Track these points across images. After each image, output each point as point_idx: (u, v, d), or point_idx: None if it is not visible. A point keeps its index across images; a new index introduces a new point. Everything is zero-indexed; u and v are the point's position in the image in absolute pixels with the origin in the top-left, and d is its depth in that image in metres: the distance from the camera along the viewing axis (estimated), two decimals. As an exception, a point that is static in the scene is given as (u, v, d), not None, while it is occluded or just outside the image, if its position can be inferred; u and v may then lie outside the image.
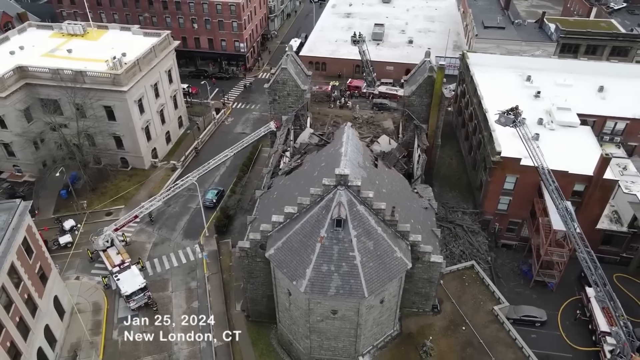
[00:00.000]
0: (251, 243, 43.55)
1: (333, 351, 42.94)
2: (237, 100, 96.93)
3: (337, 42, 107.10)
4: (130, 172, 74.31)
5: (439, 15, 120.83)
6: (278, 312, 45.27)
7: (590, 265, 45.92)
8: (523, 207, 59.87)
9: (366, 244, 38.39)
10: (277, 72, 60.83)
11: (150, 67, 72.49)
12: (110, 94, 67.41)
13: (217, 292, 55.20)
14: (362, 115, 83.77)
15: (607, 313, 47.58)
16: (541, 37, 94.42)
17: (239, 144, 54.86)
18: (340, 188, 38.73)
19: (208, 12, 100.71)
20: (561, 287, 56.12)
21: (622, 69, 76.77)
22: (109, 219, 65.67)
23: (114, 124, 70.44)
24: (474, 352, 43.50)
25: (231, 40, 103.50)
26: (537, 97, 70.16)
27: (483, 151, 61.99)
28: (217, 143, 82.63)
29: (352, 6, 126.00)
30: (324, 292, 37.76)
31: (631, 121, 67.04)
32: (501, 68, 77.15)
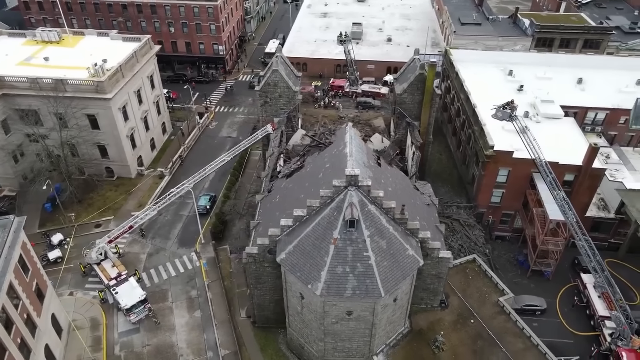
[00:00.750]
0: (259, 248, 42.98)
1: (347, 352, 42.85)
2: (219, 103, 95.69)
3: (316, 42, 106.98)
4: (116, 181, 72.30)
5: (414, 13, 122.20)
6: (288, 317, 44.82)
7: (589, 252, 47.26)
8: (515, 199, 61.17)
9: (379, 244, 38.43)
10: (267, 74, 60.23)
11: (133, 73, 70.72)
12: (94, 102, 65.42)
13: (219, 299, 54.30)
14: (347, 114, 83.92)
15: (607, 298, 49.08)
16: (517, 32, 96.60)
17: (236, 147, 54.06)
18: (350, 189, 38.63)
19: (185, 15, 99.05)
20: (556, 275, 57.57)
21: (598, 61, 79.43)
22: (99, 231, 63.81)
23: (98, 132, 68.36)
24: (485, 344, 44.17)
25: (209, 43, 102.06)
26: (520, 91, 71.87)
27: (474, 145, 63.00)
28: (202, 148, 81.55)
29: (327, 6, 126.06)
30: (340, 294, 37.61)
31: (611, 111, 69.38)
32: (483, 63, 78.71)
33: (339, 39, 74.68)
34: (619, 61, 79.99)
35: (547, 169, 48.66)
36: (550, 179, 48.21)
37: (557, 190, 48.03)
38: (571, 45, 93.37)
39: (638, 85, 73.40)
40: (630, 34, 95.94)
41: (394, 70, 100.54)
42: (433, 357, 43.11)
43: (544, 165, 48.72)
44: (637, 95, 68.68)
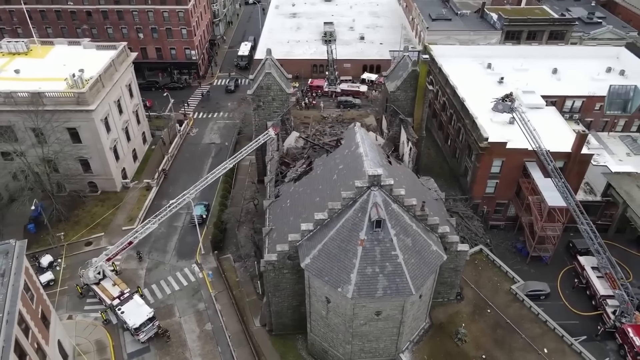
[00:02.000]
0: (278, 255, 42.23)
1: (373, 353, 42.79)
2: (196, 110, 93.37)
3: (289, 42, 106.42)
4: (101, 196, 69.28)
5: (382, 10, 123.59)
6: (310, 322, 44.27)
7: (591, 235, 49.28)
8: (509, 189, 62.94)
9: (405, 242, 38.56)
10: (260, 78, 59.23)
11: (113, 83, 67.98)
12: (75, 115, 62.38)
13: (229, 310, 53.02)
14: (330, 114, 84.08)
15: (610, 278, 51.23)
16: (486, 26, 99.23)
17: (238, 154, 52.78)
18: (373, 189, 38.53)
19: (154, 20, 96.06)
20: (553, 259, 59.58)
21: (568, 52, 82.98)
22: (90, 249, 61.12)
23: (79, 146, 65.16)
24: (504, 332, 45.15)
25: (181, 48, 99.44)
26: (500, 83, 74.01)
27: (467, 138, 64.32)
28: (187, 157, 79.49)
29: (295, 6, 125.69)
30: (372, 295, 37.49)
31: (587, 99, 72.59)
32: (462, 58, 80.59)
33: (324, 39, 74.41)
34: (587, 51, 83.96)
35: (548, 157, 50.26)
36: (552, 167, 49.85)
37: (558, 177, 49.69)
38: (537, 37, 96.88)
39: (608, 72, 77.13)
40: (591, 24, 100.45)
41: (370, 68, 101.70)
42: (457, 349, 43.69)
43: (545, 154, 50.31)
44: (608, 83, 72.24)
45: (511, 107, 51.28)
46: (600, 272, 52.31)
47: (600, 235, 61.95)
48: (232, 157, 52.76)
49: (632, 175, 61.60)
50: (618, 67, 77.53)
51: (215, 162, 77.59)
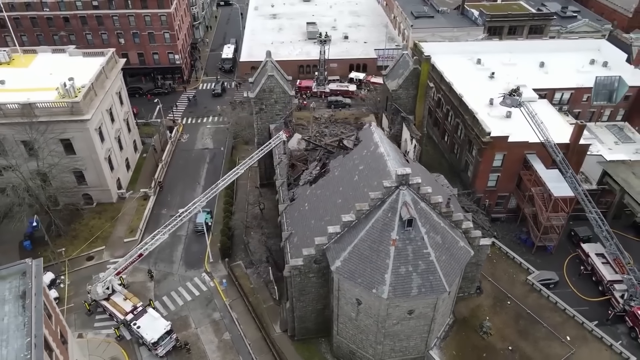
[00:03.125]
0: (305, 259, 41.77)
1: (404, 351, 42.89)
2: (184, 115, 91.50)
3: (273, 44, 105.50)
4: (97, 208, 67.02)
5: (362, 9, 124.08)
6: (337, 325, 43.98)
7: (599, 223, 50.83)
8: (510, 181, 64.21)
9: (435, 239, 38.78)
10: (262, 81, 58.41)
11: (105, 91, 65.86)
12: (69, 125, 60.12)
13: (246, 318, 52.17)
14: (322, 114, 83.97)
15: (618, 263, 52.89)
16: (468, 22, 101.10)
17: (248, 159, 51.81)
18: (402, 188, 38.55)
19: (135, 25, 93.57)
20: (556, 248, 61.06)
21: (552, 45, 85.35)
22: (92, 264, 59.18)
23: (73, 158, 62.75)
24: (526, 322, 46.05)
25: (164, 52, 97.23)
26: (492, 78, 75.41)
27: (467, 134, 65.22)
28: (181, 164, 77.84)
29: (274, 7, 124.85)
30: (407, 294, 37.54)
31: (575, 90, 74.83)
32: (452, 54, 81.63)
33: (319, 39, 73.96)
34: (570, 44, 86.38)
35: (555, 149, 51.50)
36: (560, 158, 51.10)
37: (566, 168, 50.99)
38: (518, 32, 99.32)
39: (592, 65, 79.63)
40: (567, 18, 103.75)
41: (356, 67, 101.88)
42: (483, 342, 44.29)
43: (553, 146, 51.51)
44: (593, 74, 74.82)
45: (519, 102, 52.26)
46: (608, 258, 53.92)
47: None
48: (242, 162, 51.78)
49: (626, 163, 63.84)
50: (600, 59, 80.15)
51: (211, 167, 76.48)
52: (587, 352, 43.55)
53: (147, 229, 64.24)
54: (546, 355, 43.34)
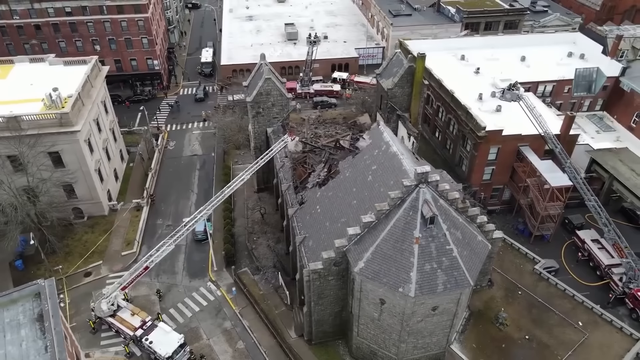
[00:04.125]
0: (324, 262, 41.47)
1: (426, 348, 43.18)
2: (167, 122, 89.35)
3: (252, 46, 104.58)
4: (88, 222, 64.66)
5: (338, 9, 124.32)
6: (358, 326, 43.85)
7: (598, 210, 52.54)
8: (504, 174, 65.59)
9: (456, 235, 39.20)
10: (260, 84, 57.66)
11: (92, 100, 63.66)
12: (58, 137, 57.78)
13: (258, 325, 51.41)
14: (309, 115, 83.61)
15: (617, 247, 54.79)
16: (445, 19, 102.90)
17: (254, 164, 50.92)
18: (422, 186, 38.75)
19: (112, 31, 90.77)
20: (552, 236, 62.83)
21: (531, 39, 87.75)
22: (90, 280, 57.15)
23: (63, 171, 60.27)
24: (539, 311, 47.21)
25: (143, 58, 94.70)
26: (477, 73, 76.90)
27: (461, 129, 66.22)
28: (170, 171, 76.04)
29: (249, 9, 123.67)
30: (433, 291, 37.79)
31: (557, 83, 77.18)
32: (436, 51, 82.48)
33: (309, 40, 73.52)
34: (547, 37, 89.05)
35: (554, 141, 52.93)
36: (559, 149, 52.55)
37: (565, 159, 52.49)
38: (493, 27, 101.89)
39: (570, 57, 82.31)
40: (538, 13, 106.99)
41: (338, 67, 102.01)
42: (501, 333, 45.16)
43: (552, 138, 52.91)
44: (572, 67, 77.00)
45: (519, 95, 53.44)
46: (605, 243, 55.79)
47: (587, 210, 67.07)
48: (248, 167, 50.86)
49: (612, 151, 66.32)
50: (577, 52, 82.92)
51: (203, 174, 75.04)
52: (600, 336, 45.02)
53: (145, 241, 62.55)
54: (562, 342, 44.55)
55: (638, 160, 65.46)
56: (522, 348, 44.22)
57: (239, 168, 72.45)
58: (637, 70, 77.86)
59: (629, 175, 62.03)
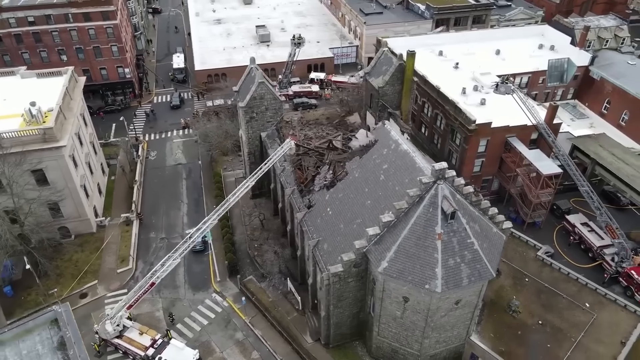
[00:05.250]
0: (345, 265, 41.23)
1: (447, 342, 43.69)
2: (145, 131, 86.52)
3: (225, 50, 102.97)
4: (76, 241, 61.77)
5: (306, 9, 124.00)
6: (379, 325, 43.85)
7: (591, 194, 54.72)
8: (493, 165, 67.28)
9: (475, 228, 39.84)
10: (253, 88, 56.60)
11: (73, 113, 60.83)
12: (43, 154, 54.89)
13: (271, 333, 50.58)
14: (292, 117, 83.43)
15: (610, 229, 57.19)
16: (416, 16, 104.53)
17: (258, 169, 49.84)
18: (440, 182, 39.14)
19: (79, 40, 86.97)
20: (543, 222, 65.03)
21: (502, 33, 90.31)
22: (87, 301, 54.84)
23: (48, 189, 57.27)
24: (547, 296, 48.68)
25: (113, 67, 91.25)
26: (456, 68, 78.52)
27: (450, 123, 67.37)
28: (155, 182, 73.72)
29: (216, 12, 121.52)
30: (458, 285, 38.27)
31: (533, 74, 79.85)
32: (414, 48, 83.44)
33: (293, 42, 72.85)
34: (517, 31, 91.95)
35: (547, 130, 54.70)
36: (552, 139, 54.36)
37: (558, 149, 54.38)
38: (462, 23, 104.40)
39: (541, 49, 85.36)
40: (502, 7, 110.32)
41: (314, 68, 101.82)
42: (515, 321, 46.29)
43: (545, 128, 54.65)
44: (544, 58, 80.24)
45: (512, 89, 54.86)
46: (594, 225, 58.18)
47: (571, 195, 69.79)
48: (252, 174, 49.84)
49: (592, 137, 69.29)
50: (547, 43, 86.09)
51: (190, 183, 73.17)
52: (607, 315, 46.88)
53: (139, 256, 60.40)
54: (573, 324, 46.13)
55: (616, 145, 68.75)
56: (537, 333, 45.50)
57: (229, 175, 71.29)
58: (605, 58, 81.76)
59: (611, 159, 64.98)
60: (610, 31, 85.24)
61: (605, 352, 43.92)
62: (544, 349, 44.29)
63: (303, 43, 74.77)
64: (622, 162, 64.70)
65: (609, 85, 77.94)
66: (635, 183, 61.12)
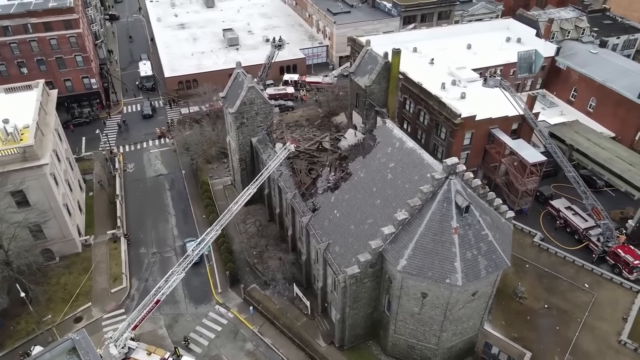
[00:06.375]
0: (361, 266, 41.13)
1: (463, 333, 44.40)
2: (118, 143, 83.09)
3: (193, 55, 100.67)
4: (62, 263, 58.66)
5: (271, 11, 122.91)
6: (395, 323, 44.01)
7: (578, 180, 57.00)
8: (478, 157, 69.02)
9: (486, 220, 40.65)
10: (243, 93, 55.54)
11: (50, 129, 57.76)
12: (24, 174, 51.76)
13: (282, 340, 49.83)
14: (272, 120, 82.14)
15: (596, 211, 59.72)
16: (383, 14, 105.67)
17: (259, 176, 48.71)
18: (452, 177, 39.67)
19: (40, 51, 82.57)
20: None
21: (470, 28, 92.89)
22: (83, 325, 51.99)
23: (27, 211, 54.02)
24: (549, 280, 50.36)
25: (78, 77, 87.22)
26: (432, 64, 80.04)
27: (434, 118, 68.48)
28: (138, 195, 71.02)
29: (178, 17, 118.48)
30: (477, 277, 38.94)
31: (504, 66, 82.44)
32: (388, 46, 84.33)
33: (274, 44, 71.83)
34: (483, 25, 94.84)
35: (534, 120, 56.53)
36: (539, 129, 56.25)
37: (545, 138, 56.33)
38: (428, 19, 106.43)
39: (508, 42, 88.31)
40: (466, 2, 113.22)
41: (287, 69, 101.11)
42: (522, 307, 47.64)
43: (532, 118, 56.46)
44: (512, 51, 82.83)
45: (500, 82, 56.27)
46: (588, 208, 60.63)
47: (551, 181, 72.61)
48: (253, 181, 48.79)
49: (567, 125, 72.30)
50: (514, 36, 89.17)
51: (175, 194, 71.03)
52: (605, 294, 49.01)
53: (133, 273, 58.09)
54: (576, 305, 47.96)
55: (589, 131, 72.14)
56: (545, 317, 47.00)
57: (216, 183, 69.68)
58: (568, 49, 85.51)
59: (587, 144, 68.09)
60: (571, 22, 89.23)
61: (609, 329, 45.90)
62: (553, 331, 45.80)
63: (284, 45, 73.81)
64: (598, 147, 67.99)
65: (575, 74, 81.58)
66: (612, 166, 64.36)
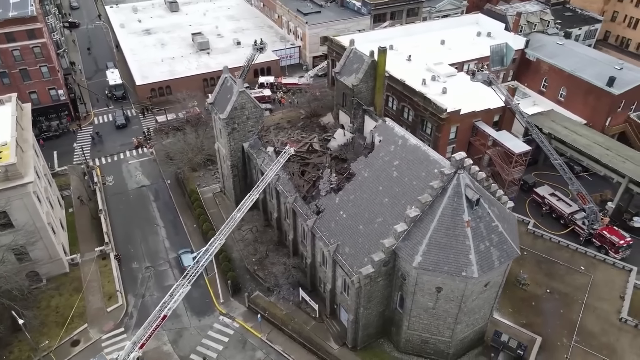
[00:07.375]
0: (376, 265, 41.14)
1: (474, 324, 45.11)
2: (93, 155, 79.69)
3: (163, 61, 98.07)
4: (50, 285, 55.78)
5: (238, 13, 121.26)
6: (409, 319, 44.26)
7: (564, 167, 59.18)
8: (463, 149, 70.12)
9: (495, 212, 41.43)
10: (234, 98, 54.53)
11: (29, 145, 54.86)
12: (7, 194, 48.96)
13: (292, 346, 49.23)
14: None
15: (581, 196, 62.06)
16: (353, 13, 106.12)
17: (260, 181, 47.67)
18: (460, 171, 40.20)
19: (2, 63, 78.23)
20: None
21: (441, 24, 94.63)
22: (81, 348, 49.79)
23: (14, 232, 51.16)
24: (548, 265, 52.01)
25: (44, 89, 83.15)
26: (409, 61, 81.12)
27: (419, 114, 69.35)
28: (121, 208, 68.50)
29: (142, 22, 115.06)
30: (491, 267, 39.64)
31: (478, 60, 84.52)
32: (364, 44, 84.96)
33: (256, 47, 70.56)
34: (454, 21, 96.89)
35: (522, 113, 58.16)
36: (526, 120, 57.92)
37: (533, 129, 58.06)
38: (397, 16, 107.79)
39: (479, 36, 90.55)
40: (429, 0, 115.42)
41: (262, 72, 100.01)
42: (526, 293, 49.04)
43: (520, 111, 58.06)
44: (484, 45, 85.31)
45: (489, 76, 57.49)
46: (573, 193, 62.98)
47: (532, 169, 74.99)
48: (255, 187, 47.81)
49: (543, 114, 74.82)
50: (484, 31, 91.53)
51: (161, 204, 68.93)
52: (601, 275, 51.12)
53: (128, 290, 55.99)
54: (575, 287, 49.78)
55: (565, 119, 74.92)
56: (549, 301, 48.52)
57: (206, 191, 68.08)
58: (536, 41, 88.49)
59: (566, 132, 70.65)
60: (537, 15, 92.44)
61: (609, 308, 47.86)
62: (557, 314, 47.33)
63: (265, 48, 72.64)
64: (575, 134, 70.68)
65: (545, 65, 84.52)
66: (591, 151, 67.05)
